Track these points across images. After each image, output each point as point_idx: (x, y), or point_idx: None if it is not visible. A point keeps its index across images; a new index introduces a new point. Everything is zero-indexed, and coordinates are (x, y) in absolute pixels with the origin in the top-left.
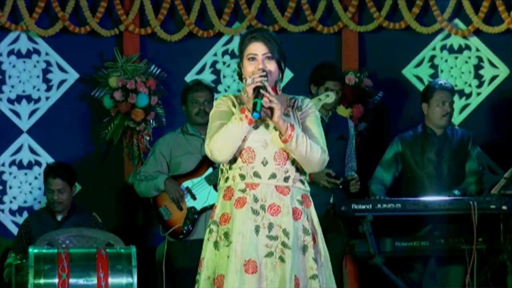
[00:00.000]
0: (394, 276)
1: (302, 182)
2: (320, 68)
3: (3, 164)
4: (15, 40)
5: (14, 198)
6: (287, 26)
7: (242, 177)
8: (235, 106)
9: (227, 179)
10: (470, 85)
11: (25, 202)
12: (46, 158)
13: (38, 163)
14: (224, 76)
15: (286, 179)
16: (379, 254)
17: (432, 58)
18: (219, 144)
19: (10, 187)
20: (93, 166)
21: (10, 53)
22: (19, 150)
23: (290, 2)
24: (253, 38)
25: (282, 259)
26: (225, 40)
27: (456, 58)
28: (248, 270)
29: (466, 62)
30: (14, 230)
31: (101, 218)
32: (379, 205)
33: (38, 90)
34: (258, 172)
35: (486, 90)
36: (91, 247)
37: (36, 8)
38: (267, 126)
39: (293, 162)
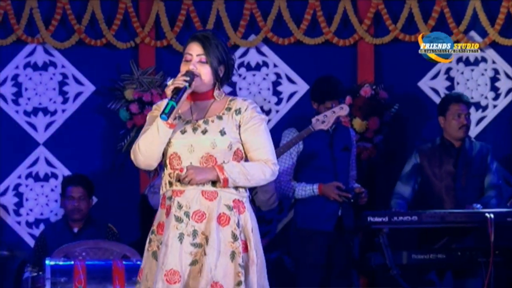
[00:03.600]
0: None
1: (235, 187)
2: (319, 86)
3: (19, 177)
4: (32, 52)
5: (31, 210)
6: (302, 38)
7: (170, 184)
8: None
9: (162, 187)
10: (486, 98)
11: (41, 214)
12: (62, 171)
13: (55, 175)
14: (240, 89)
15: (214, 183)
16: (396, 267)
17: (448, 70)
18: (139, 149)
19: (27, 199)
20: (109, 178)
21: (27, 65)
22: (35, 162)
23: (306, 15)
24: (193, 37)
25: (202, 267)
26: (241, 53)
27: (472, 70)
28: (170, 280)
29: (482, 74)
30: (31, 242)
31: (117, 230)
32: (395, 218)
33: (55, 102)
34: None
35: (503, 102)
36: (107, 259)
37: (52, 20)
38: (194, 130)
39: None
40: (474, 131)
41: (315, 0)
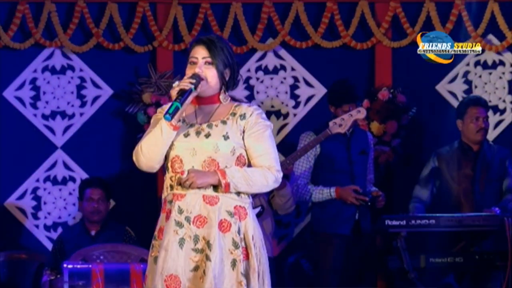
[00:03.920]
0: None
1: (237, 193)
2: (336, 89)
3: (37, 180)
4: (50, 56)
5: (49, 213)
6: (320, 41)
7: (171, 187)
8: None
9: (164, 191)
10: (504, 101)
11: (59, 217)
12: (80, 174)
13: (73, 179)
14: (257, 92)
15: (216, 188)
16: (413, 270)
17: (466, 73)
18: (141, 151)
19: (45, 203)
20: (127, 182)
21: (45, 69)
22: (53, 166)
23: (324, 18)
24: (197, 41)
25: (205, 273)
26: (258, 56)
27: (490, 73)
28: (170, 285)
29: (500, 77)
30: (49, 245)
31: (135, 234)
32: (413, 221)
33: (73, 106)
34: None
35: None
36: (125, 263)
37: (70, 24)
38: (198, 133)
39: None
40: (492, 135)
41: (333, 4)
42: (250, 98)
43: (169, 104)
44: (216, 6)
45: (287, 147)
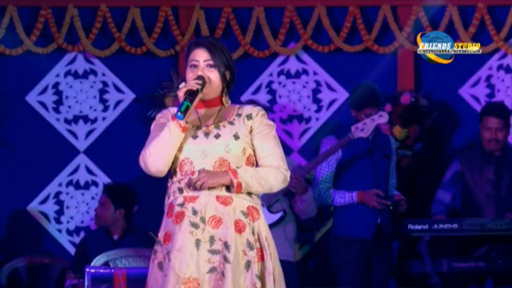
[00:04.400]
0: None
1: (248, 193)
2: (358, 93)
3: (60, 184)
4: (72, 60)
5: (71, 218)
6: (342, 45)
7: (181, 190)
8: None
9: (170, 195)
10: None
11: (82, 222)
12: (102, 178)
13: (95, 183)
14: (279, 96)
15: (228, 188)
16: (436, 275)
17: (488, 77)
18: (150, 154)
19: (67, 207)
20: (149, 186)
21: (67, 73)
22: (76, 170)
23: (346, 22)
24: (196, 44)
25: (223, 274)
26: (280, 60)
27: None
28: None
29: None
30: (71, 250)
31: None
32: (435, 226)
33: (95, 110)
34: None
35: None
36: (147, 267)
37: (92, 29)
38: (207, 135)
39: None
40: None
41: (355, 8)
42: (272, 103)
43: (169, 110)
44: (238, 10)
45: (309, 152)
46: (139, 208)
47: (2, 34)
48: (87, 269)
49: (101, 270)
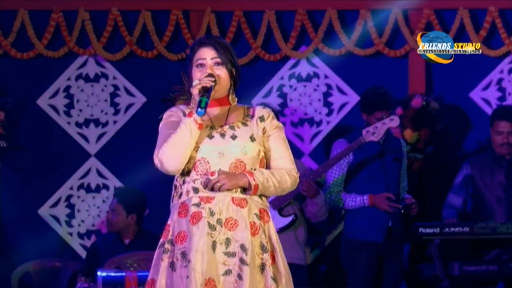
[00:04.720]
0: None
1: (260, 195)
2: (369, 97)
3: (71, 188)
4: (83, 64)
5: (82, 221)
6: (353, 49)
7: (196, 190)
8: (185, 116)
9: (181, 194)
10: None
11: (93, 225)
12: (113, 182)
13: (106, 187)
14: (290, 100)
15: (243, 190)
16: (447, 278)
17: (499, 81)
18: (168, 152)
19: (78, 211)
20: (160, 190)
21: (78, 77)
22: (87, 173)
23: (357, 25)
24: (202, 43)
25: (240, 277)
26: (291, 64)
27: None
28: None
29: None
30: (82, 253)
31: None
32: (446, 229)
33: (106, 114)
34: None
35: None
36: None
37: (104, 32)
38: (222, 135)
39: None
40: None
41: (366, 11)
42: (283, 106)
43: (178, 109)
44: (249, 13)
45: (320, 155)
46: (150, 212)
47: (14, 37)
48: (99, 273)
49: (112, 274)
